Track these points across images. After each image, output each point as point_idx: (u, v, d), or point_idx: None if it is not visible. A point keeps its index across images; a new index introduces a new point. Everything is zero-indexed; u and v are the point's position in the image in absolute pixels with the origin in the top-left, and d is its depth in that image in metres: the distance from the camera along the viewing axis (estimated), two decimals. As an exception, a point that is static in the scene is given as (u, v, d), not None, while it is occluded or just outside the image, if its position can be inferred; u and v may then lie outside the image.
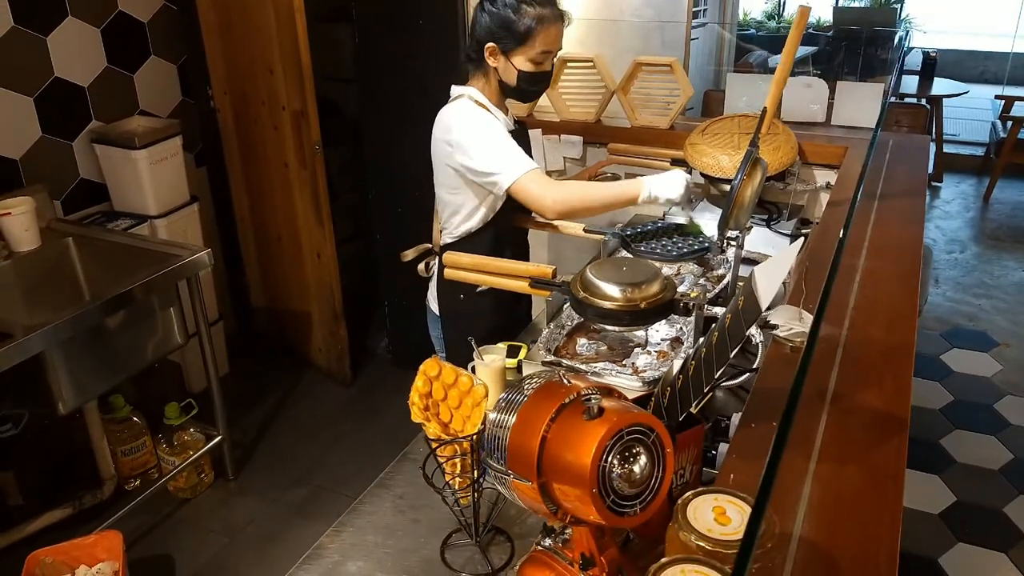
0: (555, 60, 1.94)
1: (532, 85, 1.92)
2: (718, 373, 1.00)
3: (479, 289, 1.99)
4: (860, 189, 1.07)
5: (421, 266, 2.14)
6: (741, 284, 1.35)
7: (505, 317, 2.08)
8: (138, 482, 2.85)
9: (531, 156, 2.11)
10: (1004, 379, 3.61)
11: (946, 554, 2.61)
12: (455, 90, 1.97)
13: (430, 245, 2.15)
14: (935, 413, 3.36)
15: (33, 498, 2.67)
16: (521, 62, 1.86)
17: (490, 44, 1.85)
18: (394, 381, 3.53)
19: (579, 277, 1.60)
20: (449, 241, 2.05)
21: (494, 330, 2.00)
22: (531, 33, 1.82)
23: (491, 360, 1.64)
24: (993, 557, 2.61)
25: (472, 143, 1.86)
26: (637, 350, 1.70)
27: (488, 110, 1.93)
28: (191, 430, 2.88)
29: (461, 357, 2.06)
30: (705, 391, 1.02)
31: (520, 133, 2.06)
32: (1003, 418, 3.32)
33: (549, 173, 2.92)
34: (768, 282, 1.04)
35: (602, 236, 2.06)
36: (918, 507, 2.82)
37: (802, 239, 1.58)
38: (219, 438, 2.90)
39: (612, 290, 1.52)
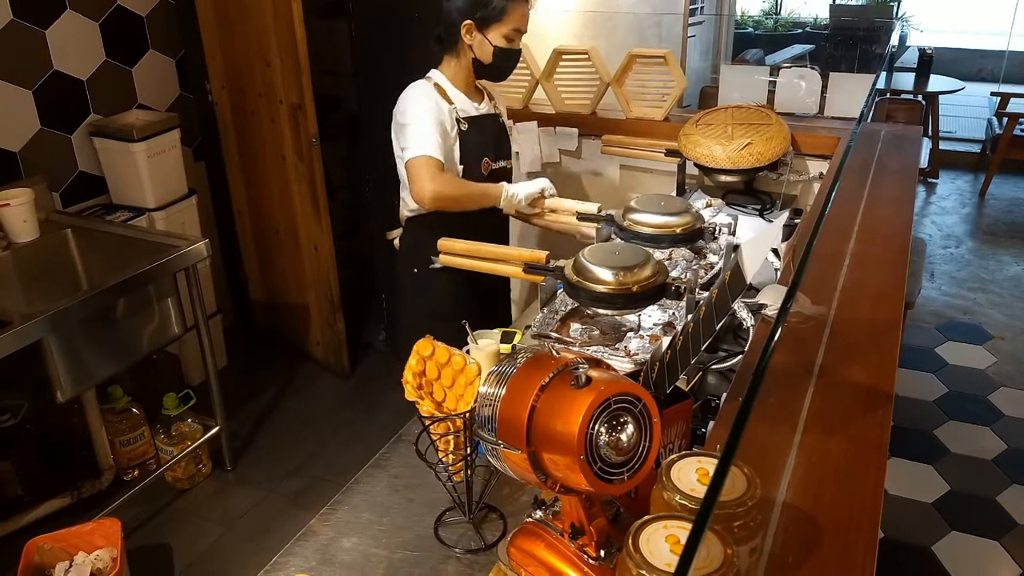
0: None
1: (506, 61, 2.05)
2: (704, 344, 1.01)
3: (433, 265, 2.05)
4: (844, 166, 1.09)
5: (396, 236, 2.29)
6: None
7: (448, 298, 2.16)
8: (136, 472, 2.87)
9: (504, 146, 2.22)
10: (998, 371, 3.63)
11: (939, 542, 2.63)
12: (429, 73, 2.12)
13: None
14: (929, 404, 3.38)
15: (32, 488, 2.69)
16: (496, 38, 1.99)
17: (467, 22, 1.98)
18: (392, 373, 3.54)
19: (573, 262, 1.63)
20: (408, 215, 2.18)
21: (435, 307, 2.15)
22: (505, 9, 1.96)
23: (485, 344, 1.66)
24: (986, 545, 2.63)
25: (404, 121, 2.01)
26: (630, 334, 1.72)
27: (445, 93, 2.05)
28: (189, 421, 2.89)
29: (411, 332, 2.13)
30: (692, 362, 1.04)
31: (488, 120, 2.15)
32: (997, 409, 3.34)
33: (545, 165, 2.95)
34: (753, 256, 1.06)
35: (595, 225, 2.07)
36: (912, 496, 2.84)
37: (786, 215, 1.60)
38: (217, 429, 2.91)
39: (605, 274, 1.54)
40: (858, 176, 2.07)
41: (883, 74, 6.03)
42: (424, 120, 1.99)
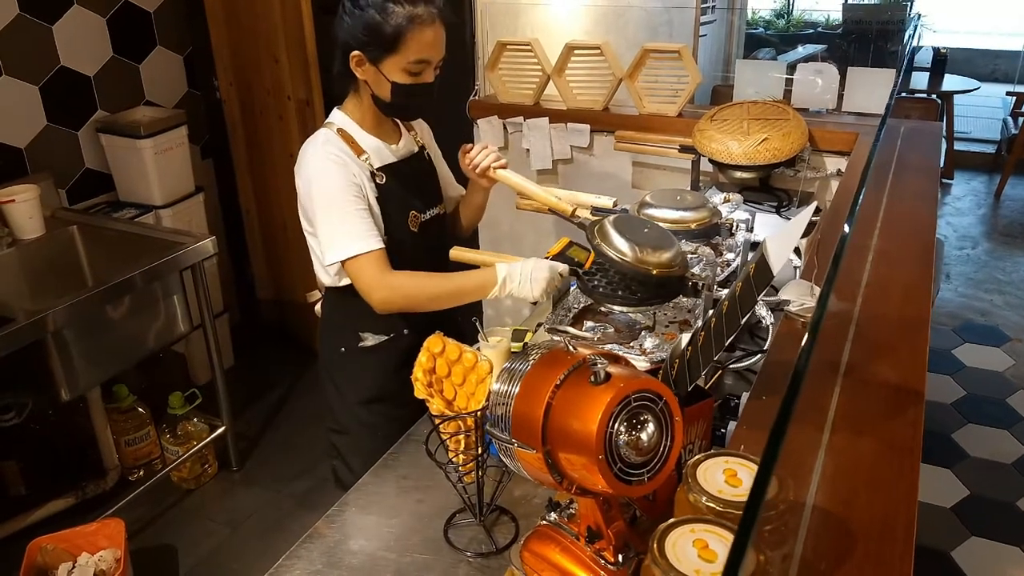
0: (438, 71, 1.63)
1: (410, 99, 1.62)
2: (729, 340, 0.97)
3: (362, 344, 1.77)
4: (872, 161, 1.04)
5: (318, 307, 1.90)
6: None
7: (391, 379, 1.78)
8: (141, 472, 2.83)
9: (433, 189, 1.83)
10: (1016, 373, 3.56)
11: (959, 547, 2.57)
12: (331, 115, 1.71)
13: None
14: (947, 407, 3.32)
15: (36, 487, 2.66)
16: (394, 72, 1.57)
17: (355, 52, 1.56)
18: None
19: (598, 226, 1.54)
20: (328, 284, 1.74)
21: (376, 393, 1.80)
22: (400, 36, 1.52)
23: (496, 342, 1.62)
24: (1007, 551, 2.57)
25: (314, 202, 1.61)
26: (644, 332, 1.67)
27: (353, 140, 1.65)
28: (195, 420, 2.86)
29: (337, 414, 1.89)
30: (715, 358, 1.00)
31: (409, 163, 1.76)
32: (1016, 412, 3.28)
33: (556, 162, 2.91)
34: (779, 249, 1.01)
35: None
36: (930, 501, 2.78)
37: (813, 206, 1.56)
38: (223, 428, 2.88)
39: (623, 245, 1.47)
40: (879, 172, 2.02)
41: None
42: (338, 203, 1.58)
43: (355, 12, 1.55)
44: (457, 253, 1.79)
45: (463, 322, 1.92)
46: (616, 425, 0.89)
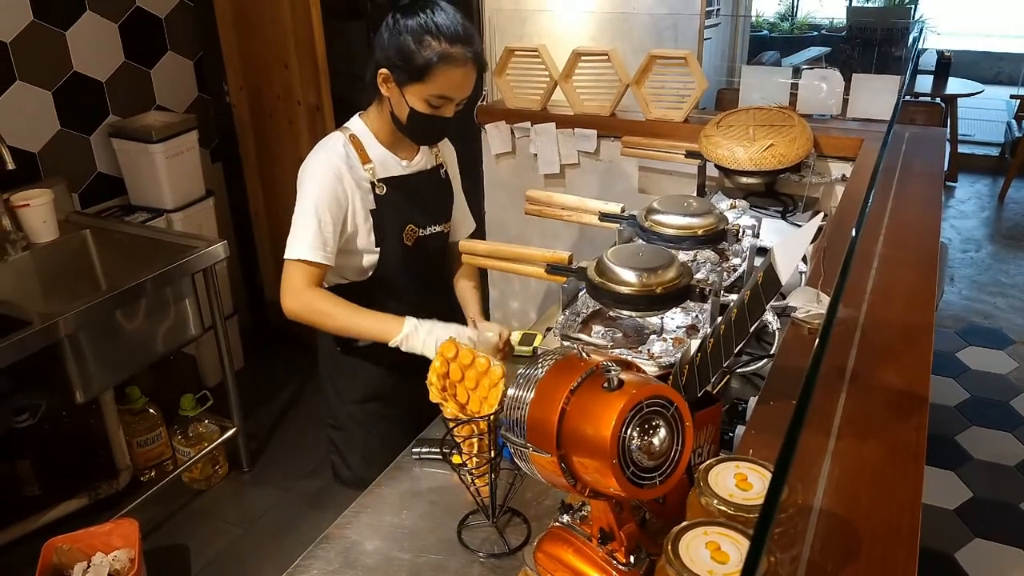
0: (459, 107, 1.67)
1: (424, 128, 1.67)
2: (738, 347, 1.00)
3: (355, 344, 1.80)
4: (880, 167, 1.07)
5: None
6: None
7: (384, 380, 1.84)
8: (153, 473, 2.86)
9: (441, 206, 1.86)
10: (1019, 376, 3.58)
11: (963, 549, 2.59)
12: (351, 120, 1.76)
13: None
14: (951, 410, 3.34)
15: (50, 488, 2.69)
16: (415, 99, 1.60)
17: (383, 70, 1.60)
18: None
19: (596, 263, 1.61)
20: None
21: (370, 392, 1.85)
22: (429, 69, 1.56)
23: (488, 337, 1.67)
24: (1011, 553, 2.59)
25: (298, 199, 1.68)
26: (652, 337, 1.70)
27: (362, 148, 1.69)
28: (206, 422, 2.89)
29: (335, 411, 1.94)
30: (724, 365, 1.02)
31: (418, 178, 1.79)
32: (1019, 415, 3.30)
33: (563, 167, 2.93)
34: (787, 257, 1.04)
35: (616, 225, 2.05)
36: (934, 503, 2.80)
37: (821, 216, 1.58)
38: (234, 430, 2.91)
39: (629, 275, 1.53)
40: (884, 177, 2.04)
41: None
42: (309, 210, 1.64)
43: (394, 32, 1.58)
44: (467, 244, 1.83)
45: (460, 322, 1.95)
46: (629, 430, 0.92)
